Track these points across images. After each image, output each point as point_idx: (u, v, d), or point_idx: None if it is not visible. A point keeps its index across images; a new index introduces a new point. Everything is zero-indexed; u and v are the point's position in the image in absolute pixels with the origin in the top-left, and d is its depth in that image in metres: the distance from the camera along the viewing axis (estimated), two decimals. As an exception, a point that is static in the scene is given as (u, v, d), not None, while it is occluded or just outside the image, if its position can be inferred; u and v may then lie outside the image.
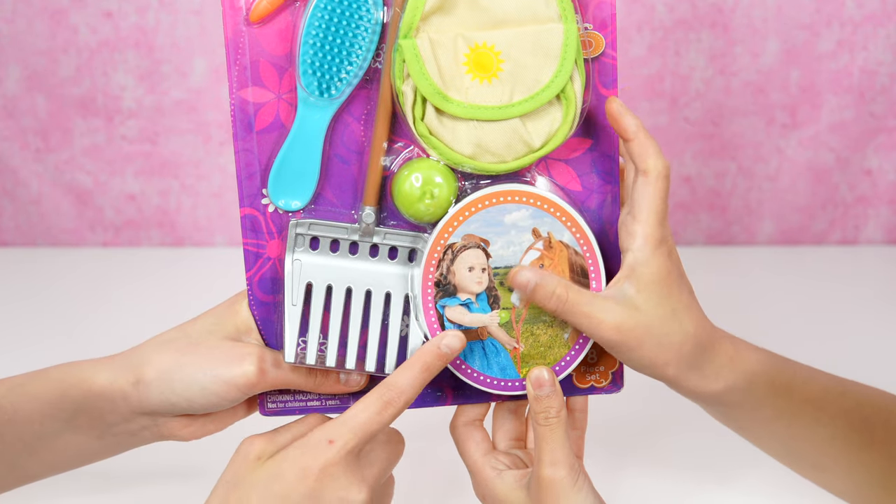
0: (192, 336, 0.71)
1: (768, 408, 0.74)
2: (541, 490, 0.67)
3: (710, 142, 1.38)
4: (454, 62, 0.66)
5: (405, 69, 0.66)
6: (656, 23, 1.33)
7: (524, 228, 0.69)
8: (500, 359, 0.71)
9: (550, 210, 0.69)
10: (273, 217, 0.71)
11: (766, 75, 1.34)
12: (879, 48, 1.32)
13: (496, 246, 0.69)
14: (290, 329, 0.70)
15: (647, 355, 0.68)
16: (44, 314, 1.24)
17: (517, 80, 0.67)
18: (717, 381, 0.71)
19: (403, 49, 0.65)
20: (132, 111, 1.36)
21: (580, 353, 0.71)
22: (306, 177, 0.69)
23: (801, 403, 0.74)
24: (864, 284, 1.33)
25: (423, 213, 0.69)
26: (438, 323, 0.70)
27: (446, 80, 0.66)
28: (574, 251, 0.69)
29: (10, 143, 1.37)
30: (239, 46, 0.68)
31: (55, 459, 0.73)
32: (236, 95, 0.68)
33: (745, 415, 0.74)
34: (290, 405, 0.73)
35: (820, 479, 0.79)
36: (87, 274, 1.36)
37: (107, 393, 0.70)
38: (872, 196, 1.40)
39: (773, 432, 0.76)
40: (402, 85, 0.66)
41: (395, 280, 0.71)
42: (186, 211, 1.41)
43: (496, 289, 0.70)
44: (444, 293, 0.69)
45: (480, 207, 0.68)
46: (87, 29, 1.32)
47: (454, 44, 0.66)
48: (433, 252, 0.69)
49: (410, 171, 0.68)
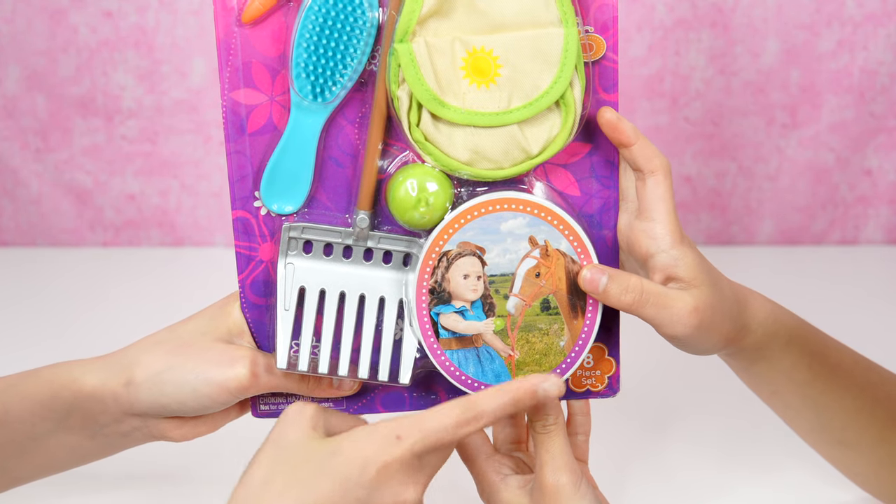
0: (183, 337, 0.70)
1: (804, 369, 0.74)
2: (544, 496, 0.67)
3: (710, 142, 1.38)
4: (451, 67, 0.65)
5: (400, 74, 0.65)
6: (656, 23, 1.33)
7: (521, 236, 0.68)
8: (495, 366, 0.70)
9: (548, 218, 0.68)
10: (265, 220, 0.70)
11: (766, 75, 1.34)
12: (879, 48, 1.32)
13: (492, 254, 0.68)
14: (283, 334, 0.70)
15: (717, 329, 0.69)
16: (44, 314, 1.24)
17: (515, 85, 0.66)
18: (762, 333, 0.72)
19: (399, 53, 0.64)
20: (132, 111, 1.36)
21: (575, 361, 0.71)
22: (299, 181, 0.69)
23: (834, 369, 0.76)
24: (864, 284, 1.32)
25: (418, 220, 0.68)
26: (432, 330, 0.69)
27: (443, 85, 0.65)
28: (571, 259, 0.69)
29: (10, 143, 1.37)
30: (231, 48, 0.67)
31: (47, 460, 0.73)
32: (228, 97, 0.68)
33: (782, 376, 0.75)
34: (282, 407, 0.73)
35: (844, 458, 0.79)
36: (87, 274, 1.36)
37: (98, 394, 0.69)
38: (872, 196, 1.40)
39: (806, 398, 0.76)
40: (397, 89, 0.66)
41: (389, 285, 0.70)
42: (186, 211, 1.41)
43: (491, 297, 0.69)
44: (439, 300, 0.69)
45: (476, 215, 0.67)
46: (86, 29, 1.32)
47: (451, 48, 0.65)
48: (428, 259, 0.68)
49: (405, 178, 0.68)
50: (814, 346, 0.76)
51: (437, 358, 0.70)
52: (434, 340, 0.69)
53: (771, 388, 0.77)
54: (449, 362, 0.70)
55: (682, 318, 0.68)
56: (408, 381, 0.71)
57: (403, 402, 0.74)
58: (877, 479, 0.79)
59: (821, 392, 0.76)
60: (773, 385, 0.76)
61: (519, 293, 0.69)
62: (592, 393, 0.74)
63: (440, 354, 0.70)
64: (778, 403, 0.79)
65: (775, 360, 0.74)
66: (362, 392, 0.73)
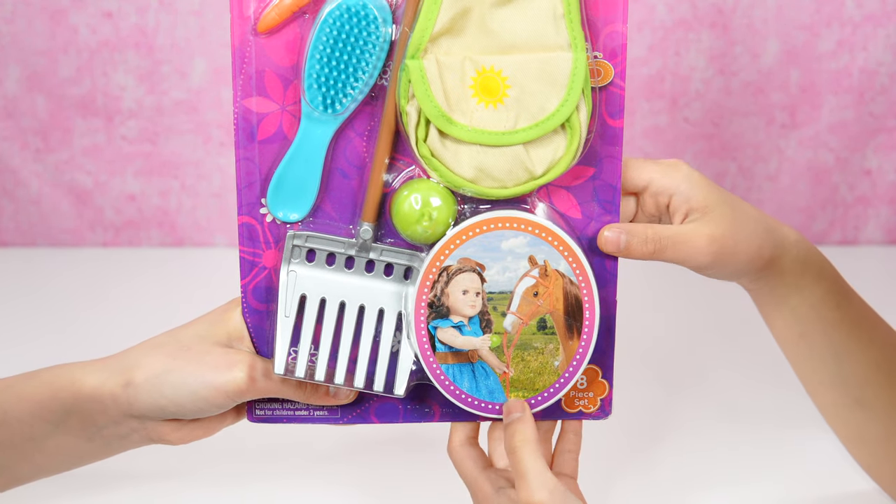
0: (183, 341, 0.71)
1: (833, 307, 0.76)
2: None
3: (710, 142, 1.38)
4: (461, 85, 0.65)
5: (410, 89, 0.65)
6: (656, 23, 1.33)
7: (521, 255, 0.68)
8: (489, 382, 0.71)
9: (548, 239, 0.68)
10: (271, 227, 0.71)
11: (766, 75, 1.34)
12: (879, 48, 1.32)
13: (492, 271, 0.69)
14: (281, 340, 0.70)
15: (744, 250, 0.71)
16: (44, 314, 1.24)
17: (522, 106, 0.66)
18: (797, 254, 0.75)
19: (410, 70, 0.65)
20: (132, 111, 1.36)
21: (569, 382, 0.71)
22: (306, 190, 0.69)
23: (860, 316, 0.78)
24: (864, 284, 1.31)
25: (421, 234, 0.68)
26: (429, 343, 0.70)
27: (451, 102, 0.66)
28: (570, 280, 0.69)
29: (10, 144, 1.37)
30: (245, 55, 0.67)
31: (45, 462, 0.73)
32: (240, 104, 0.68)
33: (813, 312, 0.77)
34: (278, 413, 0.74)
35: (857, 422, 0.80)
36: (87, 274, 1.36)
37: (96, 395, 0.70)
38: (872, 196, 1.40)
39: (832, 343, 0.78)
40: (406, 105, 0.66)
41: (389, 297, 0.71)
42: (186, 211, 1.41)
43: (489, 313, 0.70)
44: (437, 314, 0.69)
45: (478, 232, 0.68)
46: (87, 29, 1.32)
47: (462, 66, 0.65)
48: (428, 273, 0.68)
49: (410, 192, 0.68)
50: (841, 286, 0.78)
51: (432, 371, 0.70)
52: (430, 353, 0.70)
53: (800, 329, 0.78)
54: (444, 376, 0.70)
55: (701, 250, 0.70)
56: (402, 393, 0.71)
57: (397, 414, 0.74)
58: (886, 450, 0.79)
59: (846, 336, 0.78)
60: (802, 324, 0.78)
61: (517, 311, 0.70)
62: (584, 414, 0.75)
63: (436, 368, 0.70)
64: (803, 350, 0.79)
65: (808, 291, 0.76)
66: (357, 402, 0.74)
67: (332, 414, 0.74)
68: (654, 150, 1.38)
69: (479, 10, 0.65)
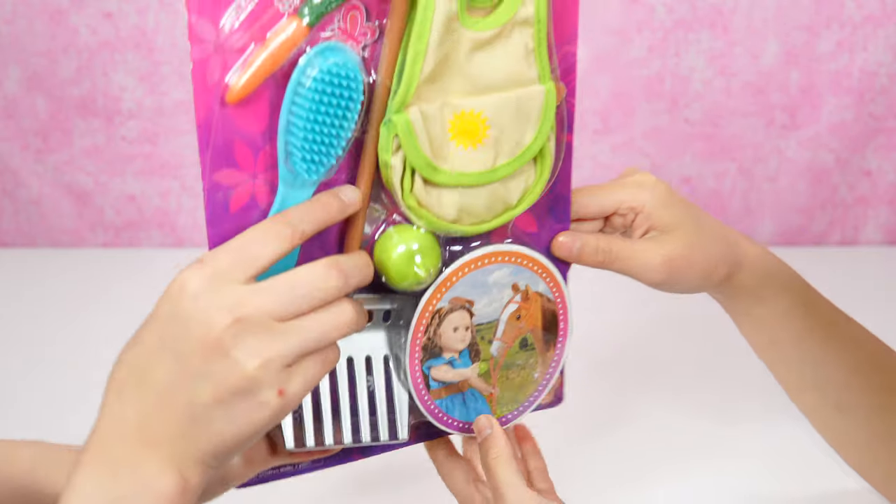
0: None
1: (800, 317, 0.76)
2: None
3: (709, 142, 1.38)
4: (441, 131, 0.64)
5: (395, 142, 0.63)
6: (656, 23, 1.33)
7: (505, 285, 0.69)
8: (478, 405, 0.72)
9: (528, 265, 0.69)
10: None
11: (765, 76, 1.34)
12: (879, 49, 1.32)
13: (479, 304, 0.69)
14: None
15: (698, 269, 0.72)
16: (44, 315, 1.24)
17: (501, 144, 0.65)
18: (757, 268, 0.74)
19: (397, 125, 0.62)
20: (132, 112, 1.36)
21: (547, 386, 0.74)
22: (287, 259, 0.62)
23: (831, 323, 0.78)
24: (864, 285, 1.32)
25: (413, 285, 0.66)
26: (424, 384, 0.69)
27: (435, 149, 0.64)
28: (547, 299, 0.71)
29: (10, 144, 1.37)
30: (212, 128, 0.61)
31: None
32: (209, 179, 0.61)
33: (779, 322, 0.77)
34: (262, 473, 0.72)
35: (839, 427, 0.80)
36: (87, 275, 1.36)
37: None
38: (872, 196, 1.40)
39: (807, 350, 0.77)
40: (390, 158, 0.63)
41: (373, 343, 0.69)
42: (187, 212, 1.41)
43: (477, 343, 0.70)
44: (431, 355, 0.69)
45: (466, 272, 0.68)
46: (87, 30, 1.32)
47: (441, 113, 0.63)
48: (422, 318, 0.68)
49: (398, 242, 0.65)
50: (810, 297, 0.78)
51: (428, 409, 0.70)
52: (425, 393, 0.70)
53: (769, 337, 0.78)
54: (438, 410, 0.70)
55: (653, 268, 0.71)
56: (407, 437, 0.70)
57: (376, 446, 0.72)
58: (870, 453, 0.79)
59: (820, 343, 0.77)
60: (771, 332, 0.78)
61: (501, 337, 0.71)
62: (542, 406, 0.75)
63: (430, 405, 0.70)
64: (776, 356, 0.79)
65: (770, 302, 0.76)
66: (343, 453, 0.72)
67: (316, 463, 0.72)
68: (654, 151, 1.38)
69: (455, 55, 0.63)
